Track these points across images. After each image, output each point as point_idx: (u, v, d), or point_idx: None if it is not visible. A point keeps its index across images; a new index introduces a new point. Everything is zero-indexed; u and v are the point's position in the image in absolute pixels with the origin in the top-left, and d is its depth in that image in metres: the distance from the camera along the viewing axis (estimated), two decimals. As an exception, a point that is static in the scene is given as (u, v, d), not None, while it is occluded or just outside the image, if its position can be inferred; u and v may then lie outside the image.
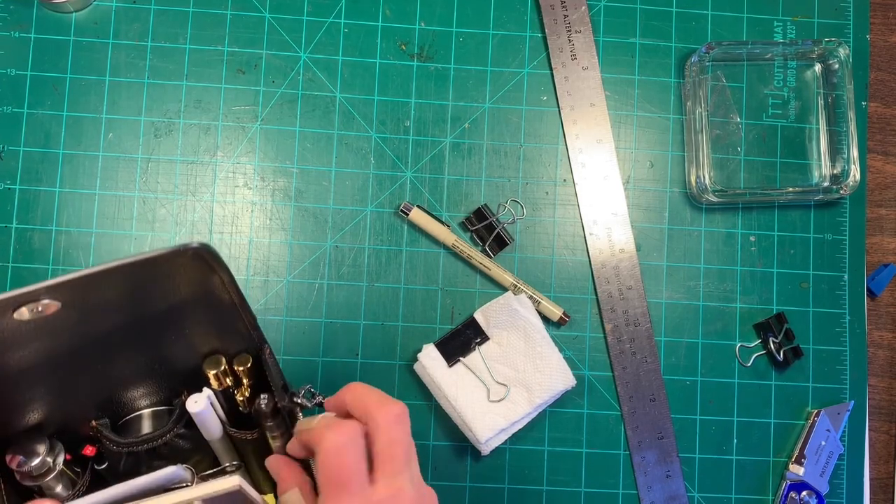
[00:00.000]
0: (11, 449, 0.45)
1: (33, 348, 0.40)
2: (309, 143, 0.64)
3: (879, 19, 0.69)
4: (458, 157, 0.65)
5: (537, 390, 0.60)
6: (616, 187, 0.65)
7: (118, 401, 0.48)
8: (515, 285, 0.63)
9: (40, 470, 0.45)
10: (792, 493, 0.63)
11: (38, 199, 0.62)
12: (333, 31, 0.65)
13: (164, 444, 0.47)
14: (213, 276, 0.40)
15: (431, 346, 0.61)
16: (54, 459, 0.45)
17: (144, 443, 0.46)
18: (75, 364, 0.43)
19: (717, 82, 0.66)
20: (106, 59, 0.64)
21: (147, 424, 0.49)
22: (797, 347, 0.64)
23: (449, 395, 0.60)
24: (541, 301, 0.63)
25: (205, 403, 0.46)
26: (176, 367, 0.47)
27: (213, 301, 0.42)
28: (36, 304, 0.36)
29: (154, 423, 0.49)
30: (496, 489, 0.63)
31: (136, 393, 0.48)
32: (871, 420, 0.66)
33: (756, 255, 0.66)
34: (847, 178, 0.64)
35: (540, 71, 0.66)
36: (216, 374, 0.46)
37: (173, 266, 0.38)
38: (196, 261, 0.38)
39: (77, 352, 0.42)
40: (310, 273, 0.63)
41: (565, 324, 0.63)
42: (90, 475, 0.47)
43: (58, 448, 0.46)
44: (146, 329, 0.43)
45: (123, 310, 0.40)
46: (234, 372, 0.47)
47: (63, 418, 0.46)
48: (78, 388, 0.45)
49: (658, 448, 0.63)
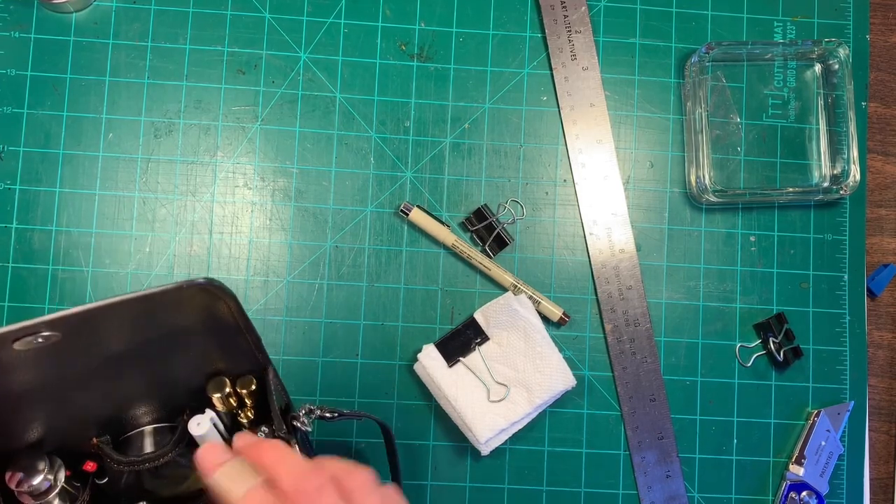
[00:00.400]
0: (11, 466, 0.44)
1: (34, 372, 0.39)
2: (309, 144, 0.64)
3: (879, 19, 0.69)
4: (458, 158, 0.65)
5: (537, 390, 0.60)
6: (616, 187, 0.65)
7: (120, 418, 0.47)
8: (515, 285, 0.63)
9: (41, 488, 0.44)
10: (792, 493, 0.63)
11: (38, 200, 0.62)
12: (333, 32, 0.65)
13: (164, 463, 0.47)
14: (218, 303, 0.40)
15: (431, 346, 0.61)
16: (55, 476, 0.45)
17: (146, 462, 0.46)
18: (77, 385, 0.42)
19: (717, 82, 0.66)
20: (106, 60, 0.64)
21: (149, 441, 0.48)
22: (797, 347, 0.64)
23: (449, 395, 0.60)
24: (541, 301, 0.63)
25: (207, 426, 0.45)
26: (179, 386, 0.47)
27: (218, 325, 0.42)
28: (36, 337, 0.35)
29: (156, 440, 0.48)
30: (496, 489, 0.63)
31: (138, 411, 0.48)
32: (871, 420, 0.66)
33: (756, 255, 0.66)
34: (847, 179, 0.64)
35: (540, 71, 0.66)
36: (220, 397, 0.46)
37: (178, 297, 0.38)
38: (202, 292, 0.38)
39: (79, 373, 0.42)
40: (310, 273, 0.63)
41: (565, 324, 0.63)
42: (90, 490, 0.47)
43: (57, 464, 0.45)
44: (150, 351, 0.43)
45: (126, 336, 0.41)
46: (238, 394, 0.47)
47: (64, 436, 0.46)
48: (79, 407, 0.45)
49: (658, 448, 0.63)
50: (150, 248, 0.63)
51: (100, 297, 0.62)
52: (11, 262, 0.62)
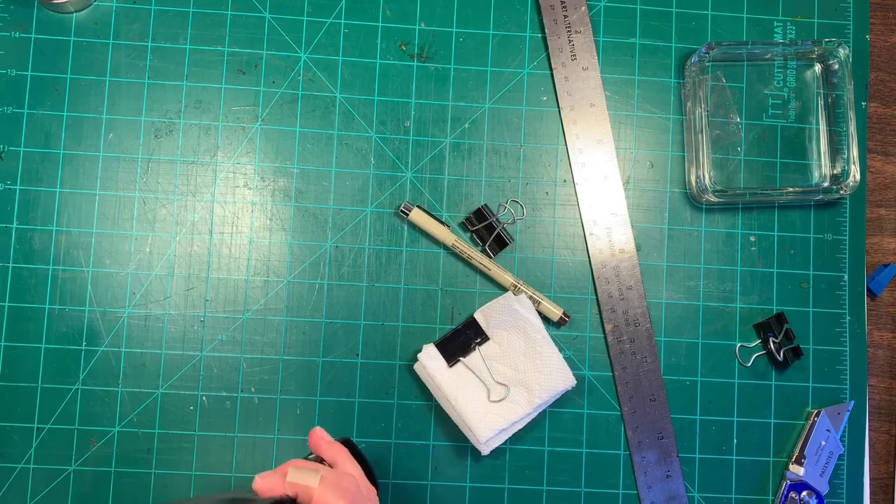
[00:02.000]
0: None
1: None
2: (309, 144, 0.64)
3: (879, 19, 0.69)
4: (458, 158, 0.65)
5: (537, 390, 0.60)
6: (616, 187, 0.65)
7: None
8: (515, 285, 0.63)
9: None
10: (792, 493, 0.63)
11: (39, 200, 0.62)
12: (333, 32, 0.65)
13: None
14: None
15: (431, 346, 0.61)
16: None
17: None
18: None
19: (717, 82, 0.67)
20: (106, 60, 0.64)
21: None
22: (797, 347, 0.64)
23: (449, 396, 0.60)
24: (541, 301, 0.63)
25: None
26: None
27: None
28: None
29: None
30: (496, 489, 0.63)
31: None
32: (871, 420, 0.66)
33: (756, 255, 0.66)
34: (847, 178, 0.64)
35: (540, 71, 0.66)
36: None
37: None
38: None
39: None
40: (310, 273, 0.63)
41: (565, 324, 0.63)
42: None
43: None
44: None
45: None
46: None
47: None
48: None
49: (658, 448, 0.63)
50: (151, 248, 0.63)
51: (100, 296, 0.62)
52: (11, 262, 0.62)
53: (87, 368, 0.61)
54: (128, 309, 0.62)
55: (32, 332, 0.61)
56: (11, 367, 0.61)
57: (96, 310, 0.62)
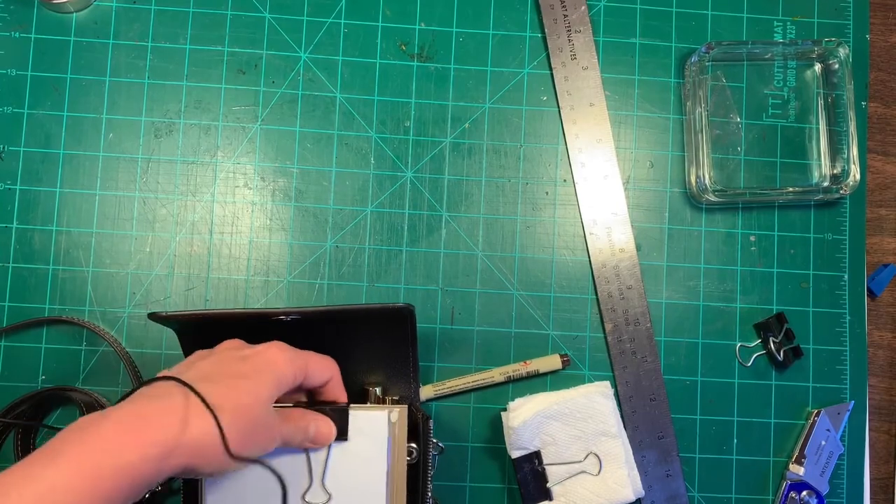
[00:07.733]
0: None
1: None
2: (309, 144, 0.64)
3: (879, 19, 0.69)
4: (458, 157, 0.65)
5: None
6: (616, 187, 0.65)
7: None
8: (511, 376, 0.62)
9: None
10: (792, 493, 0.63)
11: (39, 200, 0.62)
12: (333, 31, 0.65)
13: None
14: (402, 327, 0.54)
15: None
16: None
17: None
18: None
19: (717, 82, 0.66)
20: (106, 60, 0.64)
21: None
22: (797, 347, 0.64)
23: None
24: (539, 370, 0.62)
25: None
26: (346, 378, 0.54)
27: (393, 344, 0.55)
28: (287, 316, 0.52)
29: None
30: (496, 489, 0.63)
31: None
32: (871, 420, 0.66)
33: (756, 255, 0.66)
34: (847, 178, 0.64)
35: (540, 71, 0.66)
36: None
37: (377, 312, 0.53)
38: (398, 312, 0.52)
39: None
40: (310, 273, 0.63)
41: (567, 366, 0.63)
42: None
43: None
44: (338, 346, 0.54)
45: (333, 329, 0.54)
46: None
47: None
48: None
49: (658, 448, 0.63)
50: (151, 248, 0.63)
51: (100, 296, 0.62)
52: (12, 262, 0.62)
53: (87, 369, 0.61)
54: (128, 309, 0.62)
55: (32, 331, 0.61)
56: (12, 367, 0.61)
57: (96, 310, 0.62)
